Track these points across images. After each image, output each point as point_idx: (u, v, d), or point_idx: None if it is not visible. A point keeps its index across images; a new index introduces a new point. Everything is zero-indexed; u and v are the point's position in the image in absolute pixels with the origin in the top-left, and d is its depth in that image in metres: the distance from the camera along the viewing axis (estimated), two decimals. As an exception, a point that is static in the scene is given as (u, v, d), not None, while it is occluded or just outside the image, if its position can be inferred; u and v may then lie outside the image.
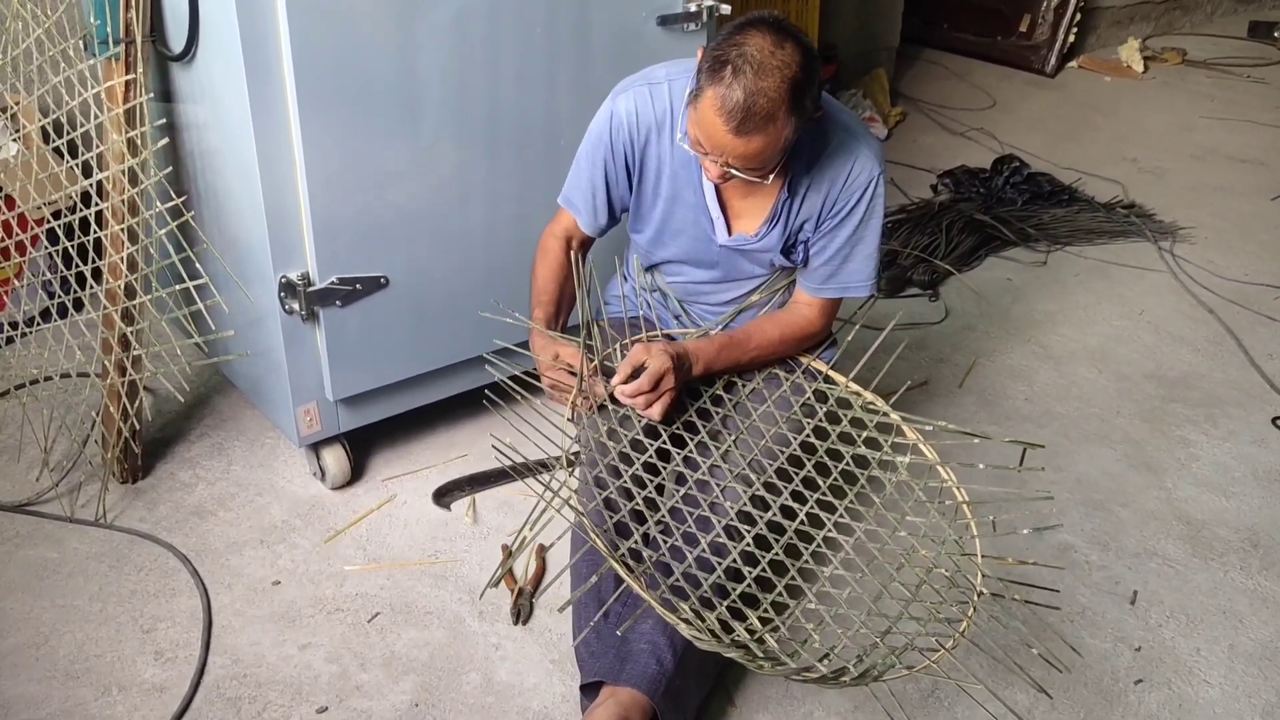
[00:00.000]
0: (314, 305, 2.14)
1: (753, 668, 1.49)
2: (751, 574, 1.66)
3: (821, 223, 1.87)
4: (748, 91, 1.57)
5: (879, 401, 1.93)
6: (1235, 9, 6.84)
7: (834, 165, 1.82)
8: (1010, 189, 4.01)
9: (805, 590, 1.63)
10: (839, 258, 1.89)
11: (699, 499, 1.77)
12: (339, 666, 1.96)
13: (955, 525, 1.75)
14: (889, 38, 5.07)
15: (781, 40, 1.59)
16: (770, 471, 1.82)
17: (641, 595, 1.49)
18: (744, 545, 1.69)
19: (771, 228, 1.88)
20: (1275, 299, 3.36)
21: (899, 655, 1.54)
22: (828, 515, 1.74)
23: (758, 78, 1.57)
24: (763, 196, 1.86)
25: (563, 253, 2.00)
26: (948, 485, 1.79)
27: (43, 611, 2.06)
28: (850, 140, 1.82)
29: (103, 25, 2.03)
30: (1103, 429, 2.71)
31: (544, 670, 1.96)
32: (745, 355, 1.93)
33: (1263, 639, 2.08)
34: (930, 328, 3.17)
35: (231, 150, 2.10)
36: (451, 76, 2.11)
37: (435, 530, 2.30)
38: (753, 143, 1.60)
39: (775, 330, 1.95)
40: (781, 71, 1.57)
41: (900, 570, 1.70)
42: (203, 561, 2.19)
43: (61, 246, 2.32)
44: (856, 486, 1.80)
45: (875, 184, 1.83)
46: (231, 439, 2.56)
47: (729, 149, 1.63)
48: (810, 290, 1.95)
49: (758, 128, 1.59)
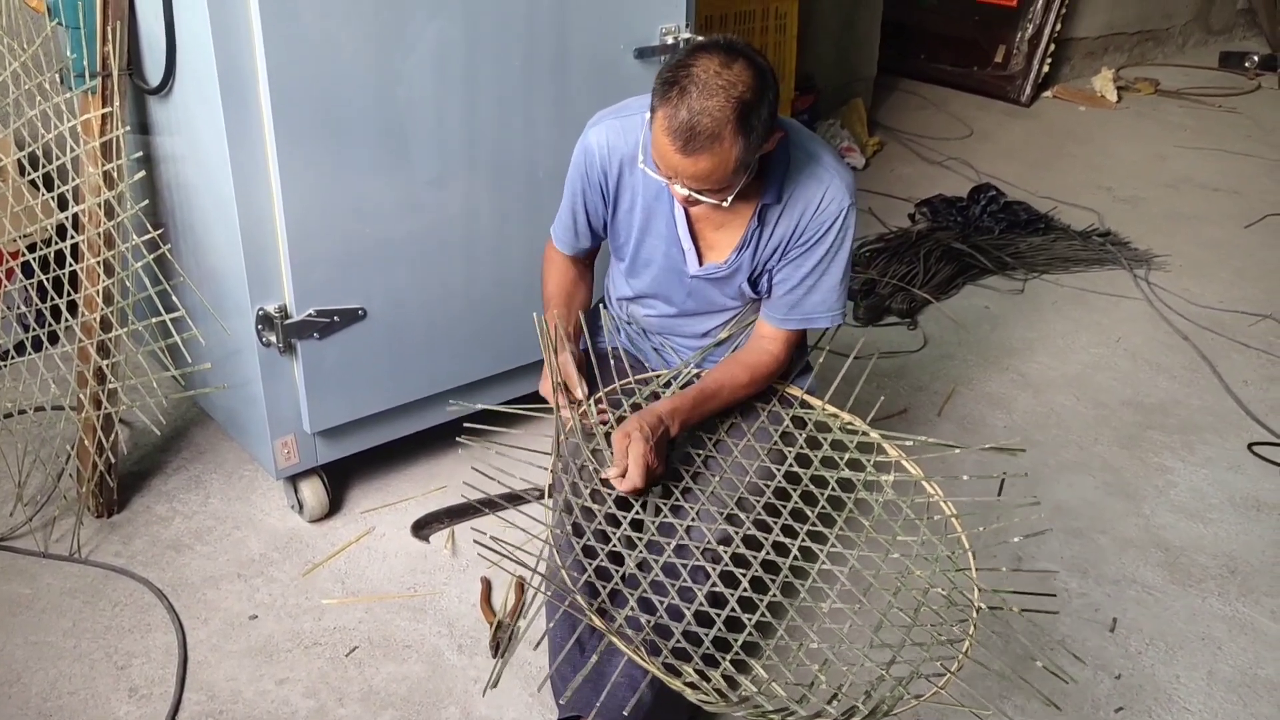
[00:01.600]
0: (291, 337, 2.13)
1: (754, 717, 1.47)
2: (751, 620, 1.63)
3: (788, 250, 1.87)
4: (692, 111, 1.58)
5: (857, 421, 1.93)
6: (1206, 40, 6.94)
7: (804, 194, 1.83)
8: (987, 218, 4.04)
9: (806, 629, 1.62)
10: (803, 287, 1.89)
11: (691, 547, 1.76)
12: (317, 701, 1.94)
13: (946, 540, 1.75)
14: (866, 68, 5.12)
15: (729, 60, 1.61)
16: (758, 508, 1.81)
17: (645, 666, 1.48)
18: (741, 591, 1.67)
19: (740, 254, 1.88)
20: (1250, 325, 3.39)
21: (905, 685, 1.53)
22: (819, 546, 1.73)
23: (702, 97, 1.58)
24: (734, 227, 1.87)
25: (565, 261, 2.05)
26: (934, 500, 1.79)
27: (15, 648, 2.03)
28: (821, 170, 1.83)
29: (80, 58, 2.03)
30: (1081, 456, 2.72)
31: (523, 704, 1.95)
32: (720, 405, 1.93)
33: (1241, 665, 2.09)
34: (909, 356, 3.18)
35: (208, 183, 2.10)
36: (430, 109, 2.12)
37: (414, 563, 2.29)
38: (700, 162, 1.61)
39: (745, 374, 1.94)
40: (727, 91, 1.58)
41: (897, 595, 1.69)
42: (179, 596, 2.17)
43: (37, 279, 2.31)
44: (845, 511, 1.79)
45: (845, 215, 1.83)
46: (208, 472, 2.54)
47: (679, 169, 1.64)
48: (774, 321, 1.94)
49: (703, 146, 1.60)
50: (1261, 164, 4.88)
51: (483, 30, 2.12)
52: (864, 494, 1.82)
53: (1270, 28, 6.65)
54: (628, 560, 1.72)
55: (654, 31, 2.36)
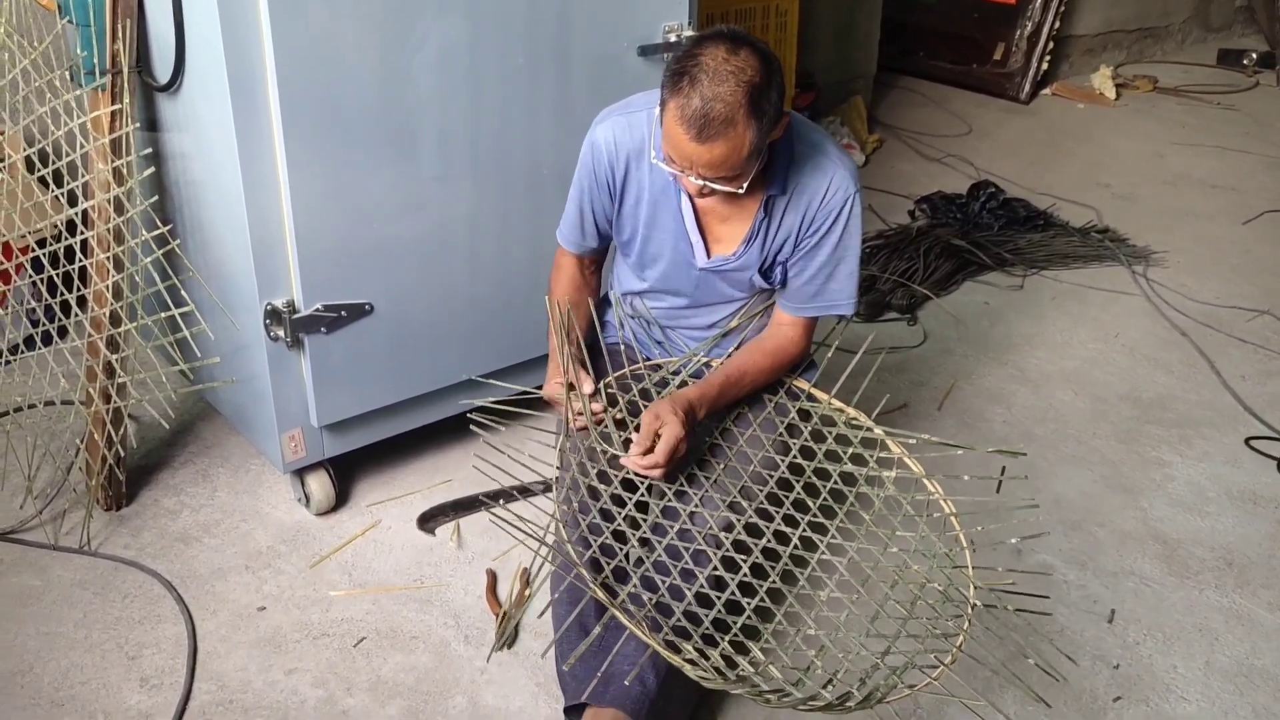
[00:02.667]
0: (299, 332, 2.16)
1: (759, 702, 1.50)
2: (750, 605, 1.67)
3: (800, 242, 1.89)
4: (704, 99, 1.61)
5: (862, 417, 1.96)
6: (1205, 37, 6.96)
7: (810, 185, 1.85)
8: (987, 214, 4.06)
9: (804, 616, 1.65)
10: (821, 276, 1.92)
11: (694, 532, 1.79)
12: (325, 691, 1.97)
13: (945, 538, 1.77)
14: (866, 66, 5.14)
15: (736, 48, 1.64)
16: (761, 496, 1.84)
17: (646, 640, 1.51)
18: (741, 576, 1.70)
19: (749, 247, 1.91)
20: (1247, 321, 3.41)
21: (900, 675, 1.56)
22: (819, 537, 1.76)
23: (713, 84, 1.61)
24: (741, 219, 1.89)
25: (575, 268, 2.07)
26: (935, 498, 1.81)
27: (27, 639, 2.06)
28: (824, 160, 1.85)
29: (89, 56, 2.05)
30: (1080, 450, 2.75)
31: (529, 693, 1.97)
32: (743, 391, 1.96)
33: (1238, 656, 2.11)
34: (909, 351, 3.21)
35: (217, 179, 2.12)
36: (435, 106, 2.14)
37: (420, 555, 2.31)
38: (716, 149, 1.64)
39: (766, 360, 1.97)
40: (736, 76, 1.61)
41: (894, 588, 1.72)
42: (188, 588, 2.19)
43: (46, 274, 2.33)
44: (846, 504, 1.82)
45: (852, 202, 1.86)
46: (216, 465, 2.57)
47: (695, 158, 1.66)
48: (792, 310, 1.98)
49: (718, 133, 1.62)
50: (1259, 161, 4.90)
51: (487, 29, 2.15)
52: (865, 488, 1.85)
53: (1268, 25, 6.67)
54: (631, 539, 1.74)
55: (657, 29, 2.38)
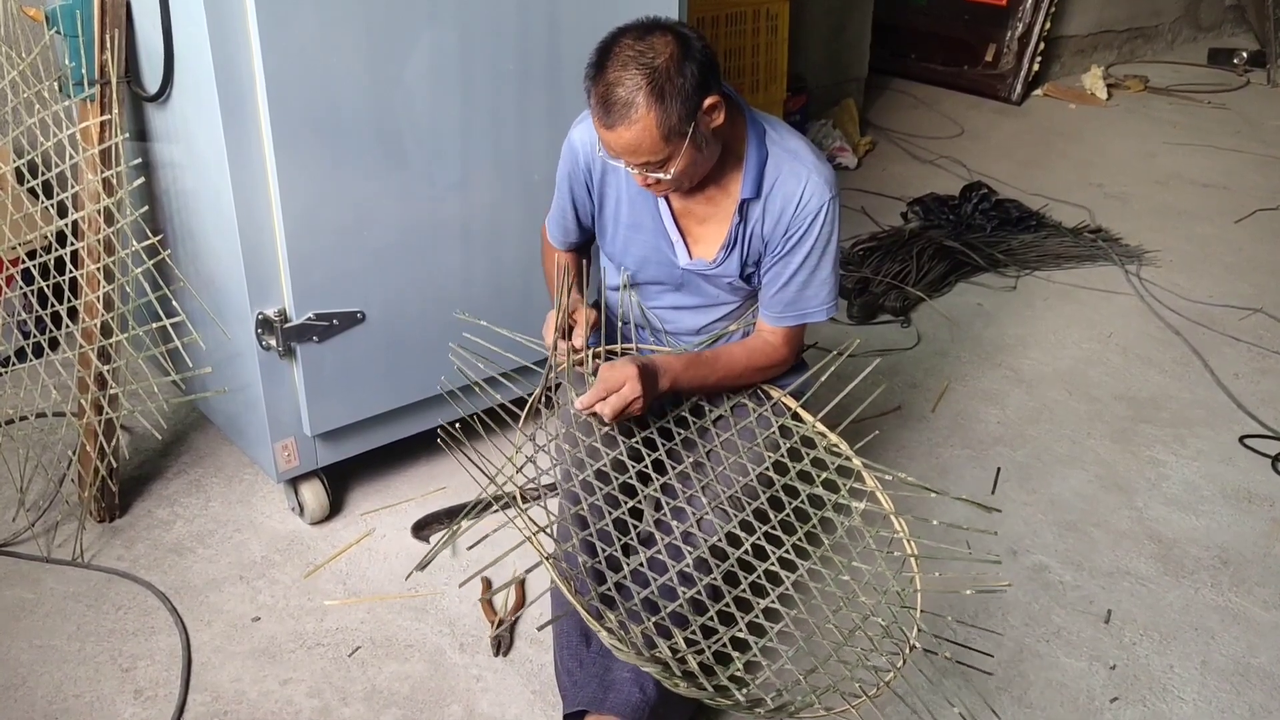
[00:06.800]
0: (291, 341, 2.15)
1: (668, 685, 1.50)
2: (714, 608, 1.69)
3: (774, 247, 1.89)
4: (607, 84, 1.65)
5: (843, 445, 1.90)
6: (1195, 37, 6.97)
7: (784, 189, 1.85)
8: (979, 215, 4.06)
9: (738, 619, 1.63)
10: (794, 284, 1.91)
11: (672, 526, 1.79)
12: (320, 701, 1.96)
13: (900, 577, 1.72)
14: (858, 68, 5.15)
15: (644, 34, 1.67)
16: (724, 499, 1.84)
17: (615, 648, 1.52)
18: (712, 579, 1.71)
19: (729, 254, 1.91)
20: (1240, 319, 3.42)
21: (819, 695, 1.53)
22: (773, 549, 1.74)
23: (615, 70, 1.64)
24: (718, 221, 1.90)
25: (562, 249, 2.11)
26: (898, 537, 1.77)
27: (20, 652, 2.05)
28: (799, 166, 1.84)
29: (78, 67, 2.05)
30: (1074, 450, 2.75)
31: (525, 701, 1.97)
32: (713, 375, 1.94)
33: (1234, 655, 2.11)
34: (903, 353, 3.21)
35: (207, 189, 2.11)
36: (425, 114, 2.14)
37: (414, 563, 2.30)
38: (623, 133, 1.66)
39: (742, 354, 1.96)
40: (638, 60, 1.64)
41: (837, 613, 1.69)
42: (181, 599, 2.19)
43: (37, 286, 2.32)
44: (807, 525, 1.79)
45: (827, 209, 1.84)
46: (209, 476, 2.56)
47: (611, 144, 1.70)
48: (771, 319, 1.97)
49: (621, 116, 1.65)
50: (1250, 159, 4.91)
51: (476, 35, 2.15)
52: (830, 514, 1.80)
53: (1259, 24, 6.68)
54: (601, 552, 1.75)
55: (647, 34, 2.38)
